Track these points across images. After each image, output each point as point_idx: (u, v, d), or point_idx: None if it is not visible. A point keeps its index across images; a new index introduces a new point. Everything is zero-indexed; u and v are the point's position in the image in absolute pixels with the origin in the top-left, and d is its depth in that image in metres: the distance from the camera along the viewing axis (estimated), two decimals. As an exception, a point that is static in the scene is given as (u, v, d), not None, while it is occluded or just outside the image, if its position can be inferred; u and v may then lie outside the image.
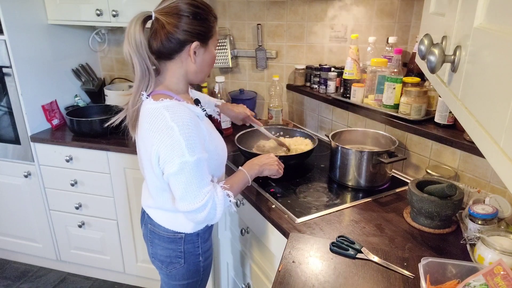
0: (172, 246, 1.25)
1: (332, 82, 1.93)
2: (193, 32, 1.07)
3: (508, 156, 0.40)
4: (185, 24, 1.06)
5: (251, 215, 1.48)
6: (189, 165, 1.04)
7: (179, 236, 1.24)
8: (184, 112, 1.05)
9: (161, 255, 1.28)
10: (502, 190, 1.24)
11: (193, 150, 1.04)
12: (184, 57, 1.11)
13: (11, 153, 2.20)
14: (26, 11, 2.03)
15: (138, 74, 1.08)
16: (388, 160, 1.41)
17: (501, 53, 0.44)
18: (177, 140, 1.02)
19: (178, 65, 1.13)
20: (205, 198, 1.08)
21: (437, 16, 0.85)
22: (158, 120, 1.04)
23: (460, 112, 0.60)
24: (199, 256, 1.29)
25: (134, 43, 1.04)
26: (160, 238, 1.26)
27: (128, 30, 1.05)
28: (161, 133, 1.03)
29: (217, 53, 2.23)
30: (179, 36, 1.06)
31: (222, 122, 2.04)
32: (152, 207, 1.27)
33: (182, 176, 1.05)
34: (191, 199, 1.07)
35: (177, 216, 1.22)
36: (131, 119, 1.16)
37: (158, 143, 1.04)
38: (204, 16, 1.09)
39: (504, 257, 0.95)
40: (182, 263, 1.27)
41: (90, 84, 2.42)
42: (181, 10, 1.05)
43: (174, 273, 1.29)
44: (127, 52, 1.06)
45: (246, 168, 1.28)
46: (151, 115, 1.06)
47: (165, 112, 1.04)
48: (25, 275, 2.44)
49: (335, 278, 1.01)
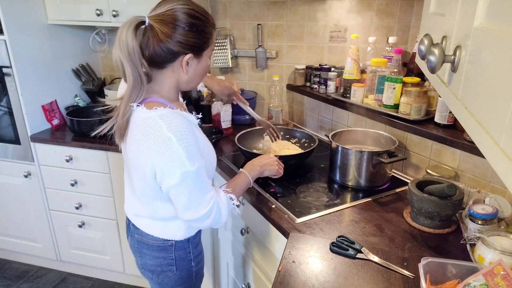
0: (162, 254, 1.22)
1: (332, 82, 1.93)
2: (187, 44, 1.02)
3: (508, 156, 0.40)
4: (179, 35, 1.00)
5: (251, 215, 1.48)
6: (191, 175, 1.01)
7: (169, 244, 1.21)
8: (180, 121, 1.01)
9: (151, 265, 1.24)
10: (502, 190, 1.24)
11: (192, 159, 1.01)
12: (176, 67, 1.06)
13: (11, 153, 2.20)
14: (26, 11, 2.03)
15: (130, 82, 1.01)
16: (388, 160, 1.41)
17: (501, 53, 0.44)
18: (176, 151, 0.99)
19: (169, 74, 1.08)
20: (210, 204, 1.06)
21: (437, 16, 0.85)
22: (154, 131, 0.99)
23: (460, 112, 0.60)
24: (191, 261, 1.26)
25: (126, 50, 0.97)
26: (149, 247, 1.22)
27: (120, 36, 0.98)
28: (157, 144, 0.99)
29: (217, 53, 2.23)
30: (172, 47, 1.01)
31: (222, 122, 2.04)
32: (141, 216, 1.22)
33: (185, 186, 1.02)
34: (195, 207, 1.05)
35: (166, 224, 1.19)
36: (119, 128, 1.07)
37: (155, 156, 1.00)
38: (201, 27, 1.03)
39: (504, 257, 0.95)
40: (174, 270, 1.24)
41: (90, 84, 2.42)
42: (177, 19, 0.99)
43: (167, 281, 1.26)
44: (118, 58, 0.99)
45: (247, 169, 1.27)
46: (144, 124, 1.01)
47: (160, 122, 0.99)
48: (25, 275, 2.44)
49: (335, 278, 1.01)
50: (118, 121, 1.07)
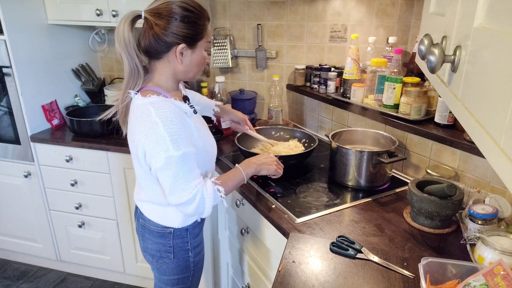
0: (161, 240, 1.27)
1: (332, 82, 1.93)
2: (180, 35, 1.09)
3: (508, 156, 0.40)
4: (172, 27, 1.07)
5: (251, 215, 1.48)
6: (175, 160, 1.06)
7: (168, 231, 1.26)
8: (169, 108, 1.07)
9: (151, 249, 1.30)
10: (502, 190, 1.24)
11: (177, 144, 1.06)
12: (171, 57, 1.13)
13: (11, 153, 2.20)
14: (26, 11, 2.03)
15: (126, 71, 1.12)
16: (388, 160, 1.41)
17: (501, 53, 0.44)
18: (161, 135, 1.05)
19: (165, 65, 1.15)
20: (193, 191, 1.09)
21: (437, 16, 0.85)
22: (144, 115, 1.07)
23: (460, 112, 0.60)
24: (189, 251, 1.30)
25: (123, 41, 1.07)
26: (150, 232, 1.28)
27: (118, 29, 1.08)
28: (146, 128, 1.06)
29: (217, 53, 2.23)
30: (166, 38, 1.08)
31: (222, 122, 2.04)
32: (144, 200, 1.28)
33: (169, 170, 1.07)
34: (179, 192, 1.09)
35: (166, 211, 1.24)
36: (121, 114, 1.20)
37: (144, 138, 1.07)
38: (193, 19, 1.10)
39: (504, 257, 0.95)
40: (172, 258, 1.28)
41: (90, 84, 2.42)
42: (171, 12, 1.07)
43: (164, 268, 1.31)
44: (117, 49, 1.10)
45: (243, 166, 1.28)
46: (138, 110, 1.09)
47: (150, 108, 1.06)
48: (25, 275, 2.44)
49: (335, 278, 1.01)
50: (118, 107, 1.18)
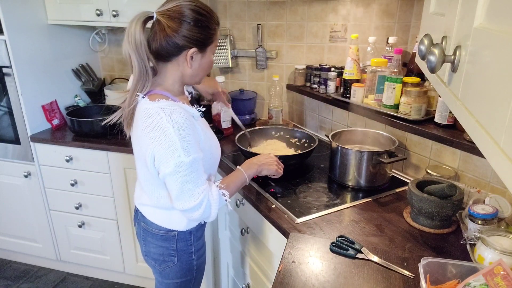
0: (165, 244, 1.26)
1: (332, 82, 1.93)
2: (192, 38, 1.08)
3: (508, 156, 0.40)
4: (185, 30, 1.06)
5: (251, 215, 1.48)
6: (185, 165, 1.05)
7: (172, 234, 1.25)
8: (180, 113, 1.06)
9: (154, 253, 1.29)
10: (502, 190, 1.24)
11: (188, 150, 1.05)
12: (181, 60, 1.12)
13: (11, 153, 2.20)
14: (26, 11, 2.03)
15: (136, 73, 1.08)
16: (388, 160, 1.41)
17: (501, 53, 0.44)
18: (172, 141, 1.03)
19: (174, 68, 1.14)
20: (200, 197, 1.09)
21: (437, 16, 0.85)
22: (154, 121, 1.05)
23: (460, 112, 0.60)
24: (192, 254, 1.30)
25: (134, 43, 1.04)
26: (153, 236, 1.27)
27: (129, 29, 1.05)
28: (156, 133, 1.04)
29: (217, 53, 2.23)
30: (178, 40, 1.07)
31: (222, 122, 2.04)
32: (146, 204, 1.27)
33: (178, 176, 1.07)
34: (186, 198, 1.09)
35: (170, 214, 1.23)
36: (126, 117, 1.17)
37: (154, 144, 1.05)
38: (205, 23, 1.09)
39: (504, 257, 0.95)
40: (175, 261, 1.28)
41: (90, 84, 2.42)
42: (183, 15, 1.05)
43: (168, 272, 1.30)
44: (126, 51, 1.06)
45: (244, 167, 1.28)
46: (146, 115, 1.07)
47: (160, 113, 1.05)
48: (25, 275, 2.44)
49: (335, 278, 1.01)
50: (125, 110, 1.15)
